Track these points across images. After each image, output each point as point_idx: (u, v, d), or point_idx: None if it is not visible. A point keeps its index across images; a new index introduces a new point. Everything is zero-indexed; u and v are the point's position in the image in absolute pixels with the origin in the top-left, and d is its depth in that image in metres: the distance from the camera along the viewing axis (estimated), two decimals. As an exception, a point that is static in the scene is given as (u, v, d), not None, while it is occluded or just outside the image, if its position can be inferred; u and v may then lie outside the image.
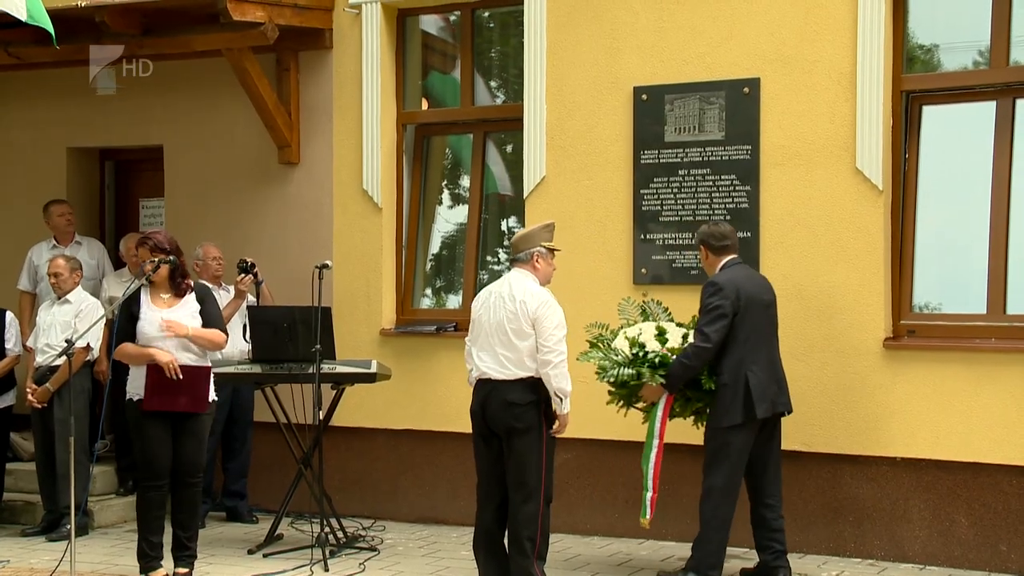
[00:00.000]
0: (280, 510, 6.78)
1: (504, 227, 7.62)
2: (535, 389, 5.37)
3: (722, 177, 6.54)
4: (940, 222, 6.33)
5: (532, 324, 5.34)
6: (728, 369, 5.54)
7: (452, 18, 7.63)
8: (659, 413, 5.59)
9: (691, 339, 5.62)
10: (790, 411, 5.75)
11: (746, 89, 6.45)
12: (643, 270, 6.77)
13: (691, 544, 5.71)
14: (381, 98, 7.44)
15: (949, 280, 6.32)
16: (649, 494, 5.60)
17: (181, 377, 5.67)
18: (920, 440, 6.12)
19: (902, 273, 6.33)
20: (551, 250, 5.58)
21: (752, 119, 6.43)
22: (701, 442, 5.78)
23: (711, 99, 6.53)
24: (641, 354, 5.65)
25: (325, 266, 6.51)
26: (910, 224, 6.34)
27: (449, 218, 7.75)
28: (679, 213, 6.69)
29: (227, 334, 5.99)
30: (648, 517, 5.62)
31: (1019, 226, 6.07)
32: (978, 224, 6.13)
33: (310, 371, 6.34)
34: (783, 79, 6.40)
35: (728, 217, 6.51)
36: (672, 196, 6.69)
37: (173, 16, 7.21)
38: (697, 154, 6.59)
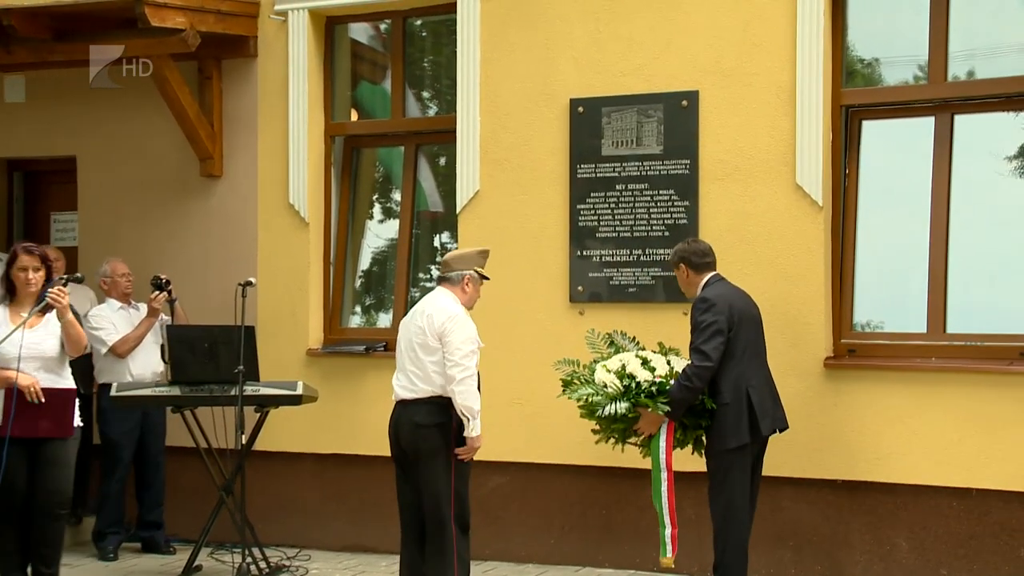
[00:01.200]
0: (199, 540, 6.74)
1: (436, 243, 7.63)
2: (444, 410, 5.35)
3: (660, 192, 6.59)
4: (880, 238, 6.43)
5: (439, 338, 5.36)
6: (728, 388, 5.46)
7: (383, 26, 7.64)
8: (662, 443, 5.48)
9: (677, 365, 5.57)
10: (787, 427, 5.73)
11: (684, 102, 6.51)
12: (579, 288, 6.78)
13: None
14: (308, 108, 7.43)
15: (890, 298, 6.40)
16: (668, 530, 5.49)
17: (43, 400, 5.51)
18: (861, 462, 6.17)
19: (843, 290, 6.39)
20: (482, 277, 5.61)
21: (691, 133, 6.49)
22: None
23: (649, 112, 6.57)
24: (633, 385, 5.58)
25: (249, 283, 6.57)
26: (850, 240, 6.41)
27: (379, 233, 7.73)
28: (617, 229, 6.72)
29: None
30: (670, 555, 5.52)
31: (959, 242, 6.16)
32: (918, 240, 6.24)
33: (232, 393, 6.36)
34: (722, 92, 6.46)
35: (667, 233, 6.57)
36: (609, 211, 6.72)
37: (87, 20, 7.12)
38: (635, 168, 6.64)
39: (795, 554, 6.37)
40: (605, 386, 5.58)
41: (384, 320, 7.67)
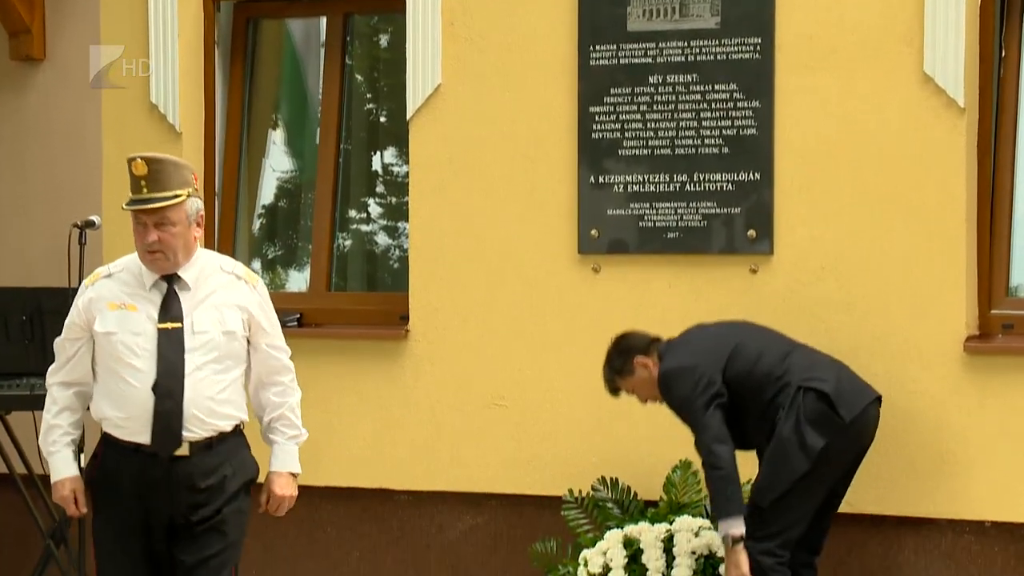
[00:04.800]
0: None
1: (376, 164, 7.49)
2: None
3: (716, 88, 6.38)
4: None
5: None
6: (786, 409, 5.65)
7: None
8: None
9: (683, 543, 5.85)
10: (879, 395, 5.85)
11: (756, -50, 6.42)
12: (594, 232, 6.55)
13: None
14: (179, -45, 7.31)
15: None
16: None
17: None
18: (1021, 496, 5.95)
19: (994, 237, 6.16)
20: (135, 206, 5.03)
21: (764, -2, 6.40)
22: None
23: (701, -35, 6.51)
24: None
25: (90, 224, 6.37)
26: (1007, 161, 6.16)
27: (290, 151, 7.63)
28: (650, 143, 6.50)
29: None
30: None
31: None
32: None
33: None
34: (814, -65, 6.32)
35: (726, 150, 6.38)
36: (639, 117, 6.51)
37: None
38: (678, 50, 6.43)
39: None
40: None
41: (298, 280, 7.53)
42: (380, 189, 7.43)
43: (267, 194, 7.55)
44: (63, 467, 4.88)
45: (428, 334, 6.67)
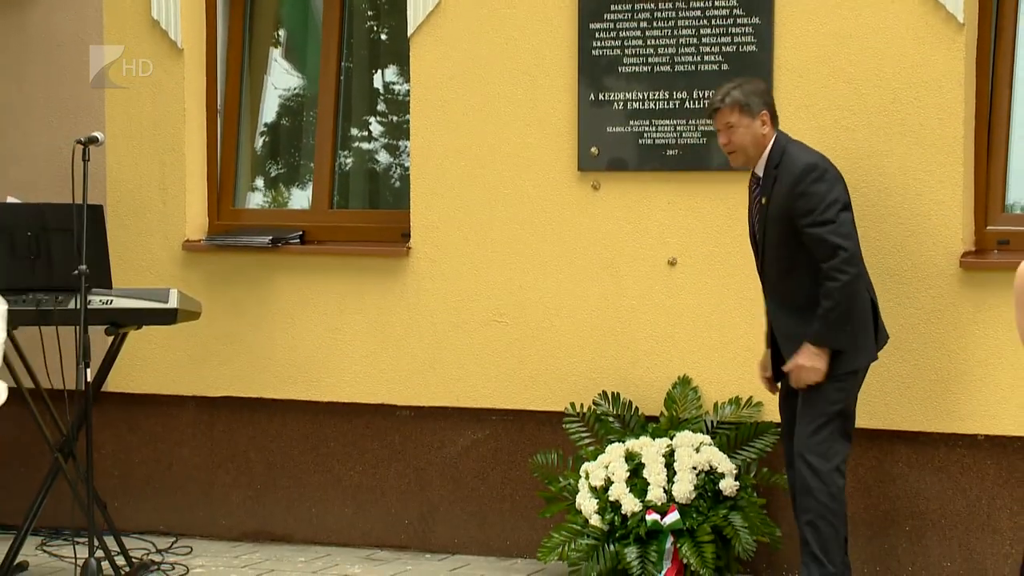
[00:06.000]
0: (24, 526, 6.54)
1: (377, 81, 7.50)
2: None
3: (716, 4, 6.42)
4: None
5: None
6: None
7: None
8: None
9: (684, 457, 5.98)
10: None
11: None
12: (593, 149, 6.58)
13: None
14: None
15: None
16: None
17: None
18: (1014, 408, 6.01)
19: (991, 154, 6.18)
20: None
21: (763, -92, 6.38)
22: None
23: None
24: (618, 521, 6.00)
25: (93, 140, 6.29)
26: (1005, 78, 6.14)
27: (292, 68, 7.66)
28: (650, 60, 6.53)
29: None
30: None
31: None
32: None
33: (71, 306, 6.21)
34: None
35: (725, 66, 6.39)
36: (639, 32, 6.55)
37: None
38: None
39: (913, 542, 6.24)
40: (587, 522, 6.07)
41: (300, 198, 7.52)
42: (381, 107, 7.43)
43: (269, 112, 7.56)
44: None
45: (429, 251, 6.70)
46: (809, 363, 5.50)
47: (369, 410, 6.84)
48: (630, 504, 5.98)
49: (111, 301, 6.27)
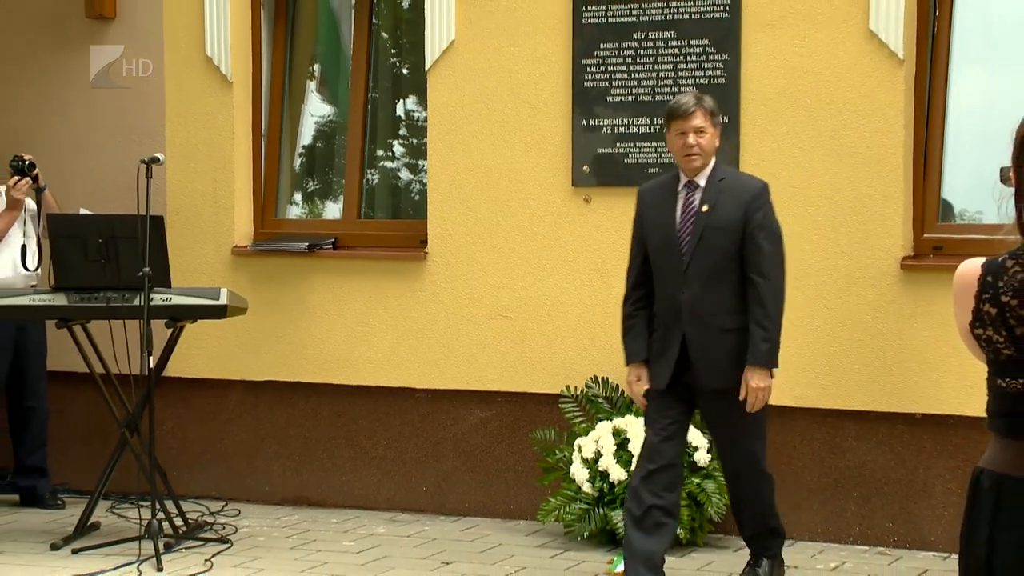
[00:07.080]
0: (96, 491, 6.71)
1: (400, 110, 7.59)
2: None
3: (691, 42, 6.55)
4: (979, 103, 6.35)
5: None
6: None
7: None
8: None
9: None
10: None
11: (723, -80, 6.41)
12: (585, 168, 6.76)
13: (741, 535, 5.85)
14: (232, -69, 7.32)
15: (989, 181, 5.80)
16: None
17: None
18: (946, 391, 6.16)
19: (927, 171, 6.35)
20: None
21: (732, -37, 6.41)
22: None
23: (678, -64, 6.52)
24: (607, 488, 6.14)
25: (155, 160, 6.48)
26: (939, 106, 6.33)
27: (325, 98, 7.73)
28: (634, 91, 6.68)
29: None
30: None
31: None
32: (1027, 104, 6.18)
33: (136, 303, 6.32)
34: (773, -91, 6.34)
35: None
36: (624, 68, 6.69)
37: None
38: (658, 11, 6.60)
39: (861, 506, 6.40)
40: (580, 489, 6.26)
41: (333, 210, 7.63)
42: (403, 131, 7.62)
43: (306, 136, 7.70)
44: None
45: (444, 256, 6.89)
46: (764, 383, 5.37)
47: (392, 392, 7.03)
48: (617, 473, 6.20)
49: (170, 299, 6.46)
